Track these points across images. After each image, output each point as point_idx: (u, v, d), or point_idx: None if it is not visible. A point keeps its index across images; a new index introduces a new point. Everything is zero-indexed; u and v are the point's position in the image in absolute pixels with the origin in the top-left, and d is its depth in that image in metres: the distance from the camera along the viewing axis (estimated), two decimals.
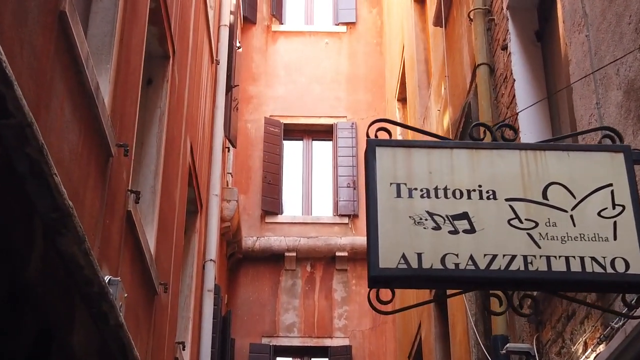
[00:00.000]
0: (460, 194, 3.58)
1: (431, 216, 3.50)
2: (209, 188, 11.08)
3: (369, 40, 16.82)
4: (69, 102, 4.38)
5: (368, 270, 3.41)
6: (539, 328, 5.98)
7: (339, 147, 15.71)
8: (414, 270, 3.39)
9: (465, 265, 3.42)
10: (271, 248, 14.84)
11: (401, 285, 3.52)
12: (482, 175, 3.62)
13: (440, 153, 3.64)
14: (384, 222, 3.45)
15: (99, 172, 5.08)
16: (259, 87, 16.24)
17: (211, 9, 11.38)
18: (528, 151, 3.71)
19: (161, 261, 7.45)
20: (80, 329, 4.60)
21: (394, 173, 3.56)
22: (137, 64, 6.35)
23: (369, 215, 3.51)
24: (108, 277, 5.11)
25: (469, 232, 3.49)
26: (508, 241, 3.50)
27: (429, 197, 3.55)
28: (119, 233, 5.70)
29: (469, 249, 3.46)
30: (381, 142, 3.64)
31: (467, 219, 3.53)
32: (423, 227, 3.48)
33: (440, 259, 3.42)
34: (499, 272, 3.43)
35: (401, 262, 3.39)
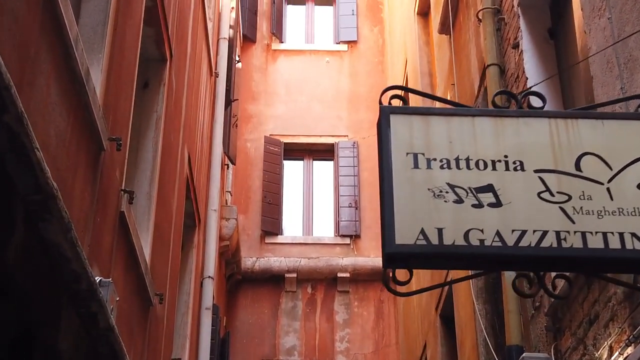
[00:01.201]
0: (484, 164, 3.26)
1: (452, 188, 3.18)
2: (207, 203, 10.75)
3: (371, 59, 16.56)
4: (56, 84, 4.08)
5: (383, 248, 3.08)
6: (557, 336, 5.64)
7: (340, 167, 15.40)
8: (434, 247, 3.06)
9: (491, 241, 3.10)
10: (271, 269, 14.48)
11: (420, 264, 3.18)
12: (508, 145, 3.30)
13: (461, 121, 3.32)
14: (400, 195, 3.13)
15: (89, 165, 4.76)
16: (258, 106, 15.95)
17: (210, 20, 11.12)
18: (558, 119, 3.39)
19: (157, 271, 7.11)
20: (66, 331, 4.26)
21: (411, 142, 3.25)
22: (132, 59, 6.05)
23: (383, 188, 3.18)
24: (99, 278, 4.77)
25: (494, 206, 3.16)
26: (538, 216, 3.17)
27: (449, 168, 3.23)
28: (111, 234, 5.37)
29: (495, 224, 3.13)
30: (396, 109, 3.33)
31: (492, 191, 3.20)
32: (443, 200, 3.16)
33: (463, 235, 3.09)
34: (529, 249, 3.10)
35: (420, 237, 3.07)
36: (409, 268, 3.10)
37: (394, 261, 3.10)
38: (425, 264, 3.31)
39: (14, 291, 3.59)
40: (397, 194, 3.14)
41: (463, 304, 8.54)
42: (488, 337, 7.41)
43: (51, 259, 3.88)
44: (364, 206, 15.07)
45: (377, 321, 14.38)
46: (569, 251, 3.14)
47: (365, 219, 14.97)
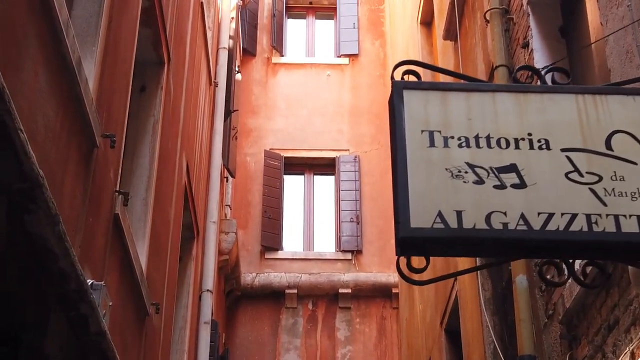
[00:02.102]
0: (506, 143, 3.01)
1: (472, 168, 2.93)
2: (206, 214, 10.49)
3: (372, 72, 16.35)
4: (45, 71, 3.84)
5: (396, 232, 2.83)
6: (572, 345, 5.36)
7: (342, 181, 15.15)
8: (453, 231, 2.81)
9: (515, 225, 2.84)
10: (271, 285, 14.18)
11: (437, 250, 2.92)
12: (532, 123, 3.06)
13: (481, 97, 3.08)
14: (415, 175, 2.88)
15: (81, 162, 4.52)
16: (258, 120, 15.72)
17: (209, 30, 10.91)
18: (586, 95, 3.15)
19: (153, 280, 6.85)
20: (54, 335, 4.00)
21: (426, 119, 3.00)
22: (128, 56, 5.82)
23: (396, 167, 2.93)
24: (91, 281, 4.51)
25: (518, 187, 2.91)
26: (567, 198, 2.92)
27: (468, 147, 2.98)
28: (105, 237, 5.11)
29: (520, 206, 2.88)
30: (409, 84, 3.08)
31: (516, 171, 2.95)
32: (462, 180, 2.91)
33: (484, 218, 2.84)
34: (557, 234, 2.84)
35: (437, 221, 2.82)
36: (425, 255, 2.85)
37: (408, 247, 2.84)
38: (443, 250, 3.04)
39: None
40: (411, 174, 2.89)
41: (470, 316, 8.26)
42: (496, 350, 7.14)
43: (37, 256, 3.62)
44: (365, 221, 14.80)
45: (379, 338, 14.08)
46: (600, 235, 2.88)
47: (367, 234, 14.71)
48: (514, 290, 6.13)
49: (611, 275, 3.84)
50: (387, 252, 14.50)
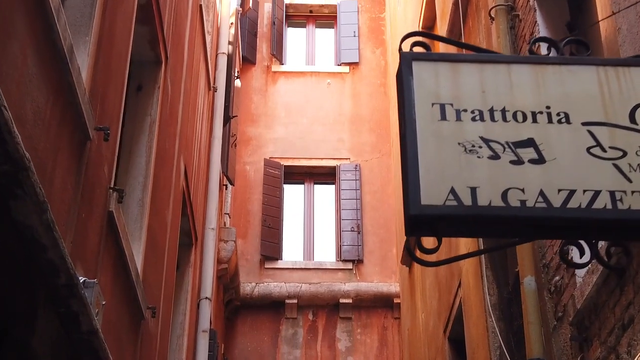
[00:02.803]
0: (523, 116, 2.83)
1: (486, 143, 2.75)
2: (204, 221, 10.30)
3: (373, 81, 16.18)
4: (34, 54, 3.67)
5: (406, 210, 2.64)
6: (583, 347, 5.16)
7: (342, 190, 14.96)
8: (468, 208, 2.62)
9: (534, 202, 2.66)
10: (271, 295, 13.97)
11: (449, 229, 2.73)
12: (550, 95, 2.87)
13: (496, 69, 2.89)
14: (425, 150, 2.69)
15: (73, 153, 4.34)
16: (258, 129, 15.55)
17: (208, 34, 10.75)
18: (607, 67, 2.97)
19: (149, 283, 6.66)
20: (43, 333, 3.80)
21: (437, 92, 2.81)
22: (124, 51, 5.65)
23: (405, 142, 2.74)
24: (83, 279, 4.32)
25: (536, 163, 2.73)
26: (589, 173, 2.73)
27: (482, 120, 2.80)
28: (98, 234, 4.92)
29: (538, 182, 2.69)
30: (419, 55, 2.90)
31: (534, 146, 2.77)
32: (477, 155, 2.73)
33: (500, 195, 2.65)
34: (579, 211, 2.66)
35: (450, 198, 2.63)
36: (437, 235, 2.66)
37: (419, 226, 2.65)
38: (456, 229, 2.84)
39: None
40: (422, 149, 2.70)
41: (475, 322, 8.06)
42: (503, 356, 6.94)
43: (25, 247, 3.44)
44: (366, 230, 14.61)
45: (380, 349, 13.86)
46: (625, 214, 2.69)
47: (368, 243, 14.51)
48: (521, 292, 5.94)
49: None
50: (389, 261, 14.32)
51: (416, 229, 2.66)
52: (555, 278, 5.64)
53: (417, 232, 2.66)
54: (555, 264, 5.62)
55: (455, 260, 3.22)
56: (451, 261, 3.16)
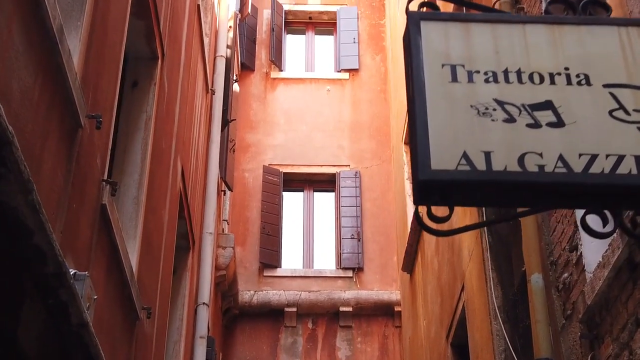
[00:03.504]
0: (539, 78, 2.65)
1: (501, 105, 2.57)
2: (202, 225, 10.11)
3: (373, 87, 16.03)
4: (20, 30, 3.49)
5: (414, 175, 2.46)
6: (594, 344, 4.97)
7: (342, 197, 14.78)
8: (481, 173, 2.44)
9: (553, 167, 2.48)
10: (270, 303, 13.76)
11: (462, 197, 2.54)
12: (569, 56, 2.70)
13: (510, 29, 2.71)
14: (435, 113, 2.51)
15: (63, 139, 4.16)
16: (257, 135, 15.38)
17: (207, 36, 10.59)
18: (629, 28, 2.79)
19: (145, 284, 6.47)
20: (30, 324, 3.61)
21: (447, 53, 2.64)
22: (118, 41, 5.48)
23: (414, 105, 2.56)
24: (73, 271, 4.14)
25: (555, 126, 2.55)
26: (612, 138, 2.55)
27: (496, 82, 2.62)
28: (90, 227, 4.74)
29: (558, 146, 2.51)
30: (427, 15, 2.71)
31: (552, 109, 2.59)
32: (490, 118, 2.55)
33: (517, 160, 2.48)
34: (602, 177, 2.48)
35: (462, 162, 2.45)
36: (448, 203, 2.47)
37: (428, 192, 2.46)
38: (468, 197, 2.65)
39: None
40: (431, 112, 2.52)
41: (478, 326, 7.87)
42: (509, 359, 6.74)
43: (9, 231, 3.25)
44: (367, 238, 14.41)
45: (381, 358, 13.64)
46: None
47: (369, 251, 14.31)
48: (528, 290, 5.76)
49: None
50: (389, 269, 14.13)
51: (426, 197, 2.47)
52: (563, 275, 5.45)
53: (426, 199, 2.47)
54: (564, 261, 5.44)
55: (470, 229, 3.04)
56: (464, 230, 2.97)
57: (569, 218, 5.33)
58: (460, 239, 8.69)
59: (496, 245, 7.39)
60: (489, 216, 6.12)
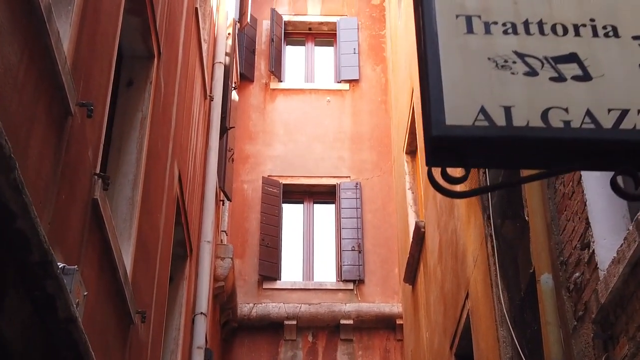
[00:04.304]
0: (563, 29, 2.44)
1: (521, 58, 2.37)
2: (200, 234, 9.90)
3: (373, 98, 15.85)
4: (5, 5, 3.30)
5: (426, 132, 2.25)
6: (608, 345, 4.75)
7: (343, 209, 14.55)
8: (501, 129, 2.23)
9: (580, 122, 2.27)
10: (269, 316, 13.51)
11: (479, 157, 2.32)
12: (595, 6, 2.49)
13: None
14: (449, 66, 2.31)
15: (51, 125, 3.96)
16: (256, 146, 15.18)
17: (205, 42, 10.42)
18: None
19: (139, 287, 6.25)
20: (13, 317, 3.40)
21: (461, 3, 2.43)
22: (111, 31, 5.28)
23: (426, 58, 2.36)
24: (62, 265, 3.92)
25: (581, 80, 2.34)
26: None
27: (515, 34, 2.41)
28: (80, 220, 4.53)
29: (584, 101, 2.31)
30: None
31: (577, 61, 2.39)
32: (510, 72, 2.34)
33: (540, 115, 2.27)
34: (634, 133, 2.27)
35: (480, 118, 2.25)
36: (465, 164, 2.26)
37: (442, 152, 2.25)
38: (486, 156, 2.42)
39: None
40: (445, 64, 2.32)
41: (484, 334, 7.64)
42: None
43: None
44: (367, 249, 14.19)
45: None
46: None
47: (370, 263, 14.08)
48: (538, 291, 5.54)
49: None
50: (390, 281, 13.90)
51: (439, 156, 2.26)
52: (574, 275, 5.23)
53: (439, 159, 2.26)
54: (575, 260, 5.23)
55: (490, 190, 2.82)
56: (483, 192, 2.75)
57: (580, 215, 5.13)
58: (465, 245, 8.48)
59: (502, 250, 7.18)
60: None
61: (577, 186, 5.22)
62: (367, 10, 16.86)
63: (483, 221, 7.59)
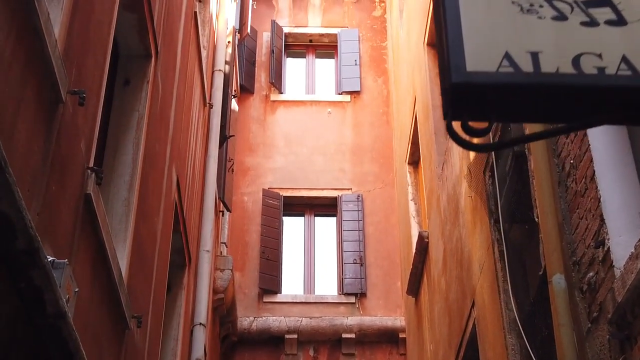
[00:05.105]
0: None
1: (549, 2, 2.16)
2: (199, 243, 9.68)
3: (375, 110, 15.66)
4: None
5: (444, 79, 2.04)
6: (625, 346, 4.53)
7: (344, 221, 14.34)
8: (528, 76, 2.03)
9: (615, 69, 2.07)
10: (269, 330, 13.26)
11: (503, 107, 2.11)
12: None
13: None
14: (469, 9, 2.09)
15: (41, 111, 3.76)
16: (256, 159, 14.98)
17: (204, 49, 10.24)
18: None
19: (135, 291, 6.04)
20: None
21: None
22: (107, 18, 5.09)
23: (443, 1, 2.15)
24: (51, 258, 3.71)
25: (615, 24, 2.14)
26: None
27: None
28: (72, 215, 4.32)
29: (620, 47, 2.10)
30: None
31: (610, 5, 2.19)
32: (537, 16, 2.14)
33: (571, 61, 2.06)
34: None
35: (504, 64, 2.04)
36: (487, 116, 2.04)
37: (462, 100, 2.03)
38: (511, 108, 2.19)
39: None
40: (465, 7, 2.09)
41: (491, 342, 7.41)
42: None
43: None
44: (369, 262, 13.96)
45: None
46: None
47: (372, 276, 13.84)
48: (550, 292, 5.31)
49: None
50: (393, 294, 13.66)
51: (459, 107, 2.04)
52: (588, 275, 5.02)
53: (459, 111, 2.04)
54: (588, 259, 5.01)
55: (518, 143, 2.59)
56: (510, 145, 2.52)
57: (594, 212, 4.92)
58: (470, 252, 8.27)
59: (509, 255, 6.96)
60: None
61: (590, 182, 5.02)
62: (368, 21, 16.72)
63: (490, 226, 7.39)
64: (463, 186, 8.53)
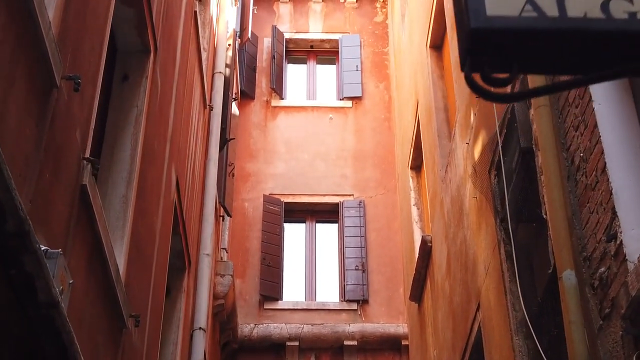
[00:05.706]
0: None
1: None
2: (199, 246, 9.52)
3: (377, 115, 15.53)
4: None
5: (462, 25, 1.88)
6: (639, 342, 4.38)
7: (346, 227, 14.18)
8: (554, 20, 1.87)
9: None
10: (270, 337, 13.09)
11: (527, 56, 1.95)
12: None
13: None
14: None
15: (34, 95, 3.62)
16: (257, 164, 14.83)
17: (204, 50, 10.11)
18: None
19: (133, 290, 5.88)
20: None
21: None
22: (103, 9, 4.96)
23: None
24: (45, 248, 3.56)
25: None
26: None
27: None
28: (67, 206, 4.18)
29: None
30: None
31: None
32: None
33: (599, 5, 1.92)
34: None
35: (527, 8, 1.89)
36: (509, 66, 1.89)
37: (481, 47, 1.87)
38: (535, 56, 2.03)
39: None
40: None
41: (498, 345, 7.25)
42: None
43: None
44: (371, 269, 13.79)
45: None
46: None
47: (374, 282, 13.68)
48: (560, 289, 5.16)
49: None
50: (395, 301, 13.50)
51: (478, 51, 1.88)
52: (599, 270, 4.86)
53: (478, 59, 1.89)
54: (600, 254, 4.86)
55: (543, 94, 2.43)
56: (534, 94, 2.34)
57: (605, 206, 4.77)
58: (475, 254, 8.12)
59: (516, 254, 6.81)
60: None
61: (601, 175, 4.87)
62: (369, 27, 16.60)
63: (495, 226, 7.24)
64: (467, 187, 8.38)
